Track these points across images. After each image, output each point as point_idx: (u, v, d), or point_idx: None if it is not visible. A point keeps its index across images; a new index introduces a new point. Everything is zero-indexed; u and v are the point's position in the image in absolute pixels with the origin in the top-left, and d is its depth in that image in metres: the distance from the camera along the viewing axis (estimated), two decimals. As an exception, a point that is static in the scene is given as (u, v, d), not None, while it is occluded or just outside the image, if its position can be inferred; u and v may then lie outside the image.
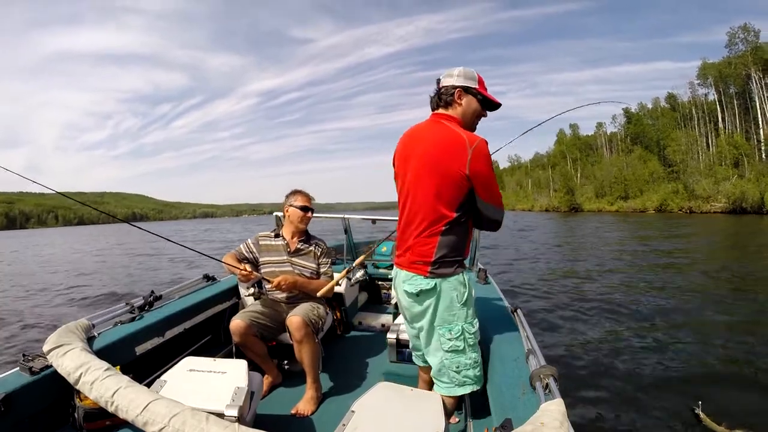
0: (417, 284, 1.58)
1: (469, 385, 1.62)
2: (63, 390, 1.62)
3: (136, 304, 2.32)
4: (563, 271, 8.31)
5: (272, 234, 2.54)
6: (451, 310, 1.58)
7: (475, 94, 1.60)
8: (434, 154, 1.53)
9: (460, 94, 1.59)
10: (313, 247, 2.53)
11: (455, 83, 1.60)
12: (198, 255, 2.45)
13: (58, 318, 6.33)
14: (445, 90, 1.61)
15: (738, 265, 9.38)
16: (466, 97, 1.60)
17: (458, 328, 1.57)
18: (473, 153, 1.46)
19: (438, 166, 1.51)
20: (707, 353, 4.17)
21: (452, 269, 1.57)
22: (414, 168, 1.60)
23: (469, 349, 1.60)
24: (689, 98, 51.86)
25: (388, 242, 4.36)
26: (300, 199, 2.50)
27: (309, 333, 2.11)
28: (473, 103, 1.61)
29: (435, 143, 1.54)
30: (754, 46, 43.52)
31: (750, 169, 39.01)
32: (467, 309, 1.59)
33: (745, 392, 3.33)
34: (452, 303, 1.57)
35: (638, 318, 5.46)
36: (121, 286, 9.30)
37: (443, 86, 1.62)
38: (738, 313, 5.59)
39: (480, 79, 1.62)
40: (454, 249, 1.57)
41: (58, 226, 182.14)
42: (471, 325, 1.59)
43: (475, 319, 1.62)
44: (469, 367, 1.61)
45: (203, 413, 1.24)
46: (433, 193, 1.53)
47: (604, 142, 67.31)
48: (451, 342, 1.59)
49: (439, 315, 1.59)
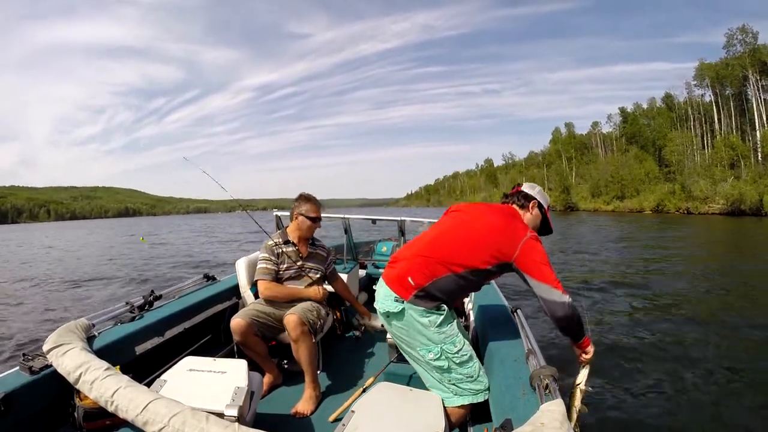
0: (387, 306, 1.66)
1: (467, 396, 1.64)
2: (63, 389, 1.61)
3: (136, 303, 2.32)
4: (563, 271, 8.32)
5: (281, 241, 2.52)
6: (424, 333, 1.63)
7: (543, 213, 1.86)
8: (500, 221, 1.68)
9: (534, 206, 1.84)
10: (320, 250, 2.63)
11: (535, 195, 1.85)
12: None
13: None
14: (526, 196, 1.85)
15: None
16: (536, 210, 1.84)
17: (437, 349, 1.62)
18: (527, 242, 1.61)
19: (495, 230, 1.65)
20: (707, 353, 4.18)
21: (434, 305, 1.63)
22: (477, 217, 1.73)
23: (457, 366, 1.63)
24: (685, 98, 52.07)
25: (388, 242, 4.37)
26: (312, 210, 2.53)
27: (305, 332, 2.12)
28: (538, 219, 1.85)
29: (505, 215, 1.73)
30: (752, 48, 43.69)
31: (746, 171, 39.20)
32: (444, 330, 1.63)
33: (746, 394, 3.34)
34: (425, 328, 1.62)
35: (638, 318, 5.47)
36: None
37: (524, 191, 1.86)
38: (743, 317, 5.59)
39: (543, 199, 1.87)
40: (452, 292, 1.66)
41: (50, 220, 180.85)
42: (452, 345, 1.62)
43: (457, 337, 1.64)
44: (463, 380, 1.63)
45: (203, 413, 1.24)
46: (475, 243, 1.64)
47: (599, 141, 67.50)
48: (433, 363, 1.63)
49: (416, 338, 1.65)
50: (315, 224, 2.54)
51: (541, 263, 1.58)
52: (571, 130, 73.27)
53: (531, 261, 1.58)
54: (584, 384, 1.62)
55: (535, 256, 1.59)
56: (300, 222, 2.51)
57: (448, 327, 1.64)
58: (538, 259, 1.58)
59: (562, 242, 15.31)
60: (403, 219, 3.76)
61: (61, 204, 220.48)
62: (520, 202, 1.85)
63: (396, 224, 3.95)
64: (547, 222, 1.88)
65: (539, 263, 1.58)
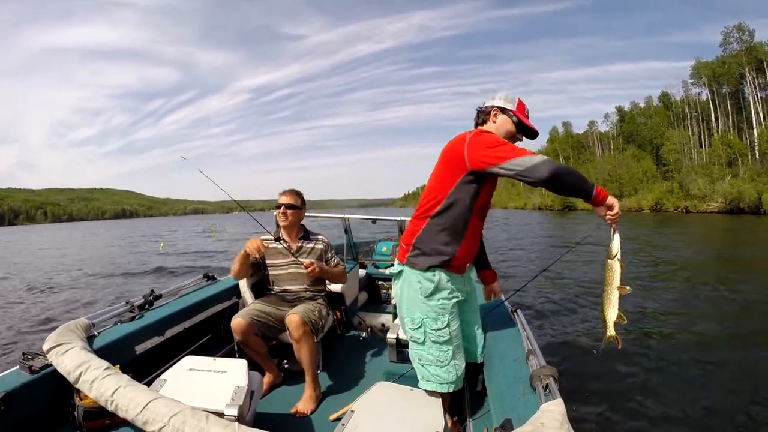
0: (393, 269, 1.75)
1: (432, 383, 1.64)
2: (63, 389, 1.61)
3: (136, 303, 2.32)
4: (563, 271, 8.31)
5: (272, 238, 2.51)
6: (414, 300, 1.64)
7: (511, 116, 1.67)
8: (447, 146, 1.62)
9: (496, 114, 1.68)
10: (314, 243, 2.56)
11: (494, 103, 1.69)
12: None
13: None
14: (484, 108, 1.71)
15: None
16: (501, 116, 1.67)
17: (419, 319, 1.63)
18: (470, 139, 1.53)
19: (443, 155, 1.61)
20: (707, 353, 4.19)
21: (427, 264, 1.61)
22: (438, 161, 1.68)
23: (431, 344, 1.63)
24: (682, 97, 52.09)
25: (387, 242, 4.37)
26: (280, 197, 2.49)
27: (307, 332, 2.12)
28: (507, 124, 1.66)
29: (452, 140, 1.62)
30: (748, 46, 43.72)
31: (744, 169, 39.26)
32: (432, 303, 1.62)
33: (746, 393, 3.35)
34: (415, 293, 1.63)
35: (639, 318, 5.48)
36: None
37: (484, 105, 1.72)
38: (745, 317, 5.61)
39: (520, 104, 1.69)
40: (436, 240, 1.61)
41: (47, 222, 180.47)
42: (434, 321, 1.61)
43: (444, 317, 1.62)
44: (432, 363, 1.64)
45: (203, 412, 1.24)
46: (434, 178, 1.63)
47: (596, 140, 67.51)
48: (411, 332, 1.66)
49: (405, 302, 1.67)
50: (279, 210, 2.45)
51: (496, 145, 1.48)
52: (568, 129, 73.32)
53: (484, 151, 1.47)
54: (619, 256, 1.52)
55: (485, 145, 1.48)
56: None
57: (438, 302, 1.62)
58: (490, 144, 1.48)
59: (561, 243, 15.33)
60: (403, 219, 3.76)
61: (58, 206, 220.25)
62: (480, 120, 1.72)
63: (396, 224, 3.95)
64: (522, 124, 1.68)
65: (494, 147, 1.47)
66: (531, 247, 14.23)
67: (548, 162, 1.41)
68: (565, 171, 1.42)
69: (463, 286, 1.74)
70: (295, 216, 2.49)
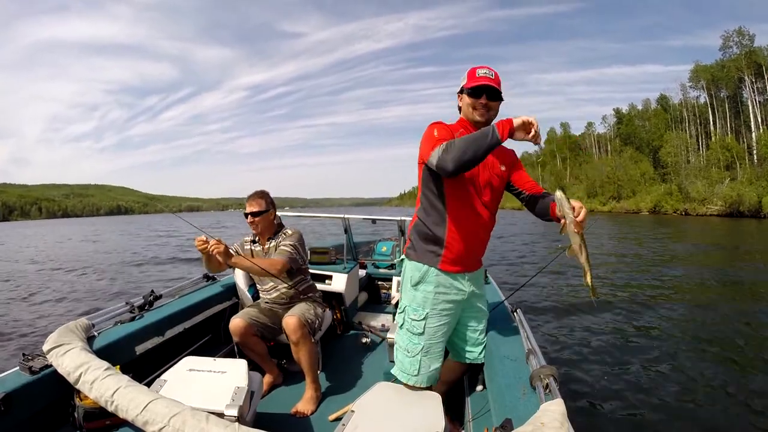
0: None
1: (397, 370, 1.71)
2: (63, 389, 1.61)
3: (136, 303, 2.32)
4: (563, 271, 8.33)
5: (249, 240, 2.48)
6: (405, 287, 1.73)
7: (466, 91, 1.65)
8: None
9: (460, 98, 1.70)
10: (280, 239, 2.40)
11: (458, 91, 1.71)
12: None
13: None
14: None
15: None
16: (463, 98, 1.68)
17: (403, 306, 1.71)
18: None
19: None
20: (707, 353, 4.21)
21: (414, 254, 1.69)
22: None
23: (405, 332, 1.69)
24: (680, 100, 52.23)
25: (387, 242, 4.37)
26: (246, 204, 2.35)
27: (305, 334, 2.12)
28: (465, 98, 1.66)
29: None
30: (748, 50, 43.84)
31: (742, 173, 39.31)
32: (416, 293, 1.67)
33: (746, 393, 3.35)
34: (406, 281, 1.71)
35: (639, 318, 5.50)
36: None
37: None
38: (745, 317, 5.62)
39: (469, 74, 1.65)
40: (423, 232, 1.68)
41: (41, 218, 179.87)
42: (413, 311, 1.67)
43: (422, 309, 1.64)
44: (400, 349, 1.71)
45: (203, 413, 1.24)
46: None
47: (593, 142, 67.62)
48: (398, 315, 1.75)
49: (402, 289, 1.77)
50: (250, 221, 2.32)
51: (423, 141, 1.55)
52: (566, 129, 73.43)
53: (420, 147, 1.57)
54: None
55: (422, 140, 1.57)
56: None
57: (421, 293, 1.65)
58: (423, 140, 1.57)
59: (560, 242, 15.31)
60: (403, 219, 3.76)
61: (53, 201, 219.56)
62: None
63: (395, 224, 3.95)
64: (473, 88, 1.60)
65: (422, 143, 1.56)
66: (529, 247, 14.24)
67: (438, 149, 1.42)
68: (459, 144, 1.38)
69: (463, 287, 1.70)
70: (264, 220, 2.36)
